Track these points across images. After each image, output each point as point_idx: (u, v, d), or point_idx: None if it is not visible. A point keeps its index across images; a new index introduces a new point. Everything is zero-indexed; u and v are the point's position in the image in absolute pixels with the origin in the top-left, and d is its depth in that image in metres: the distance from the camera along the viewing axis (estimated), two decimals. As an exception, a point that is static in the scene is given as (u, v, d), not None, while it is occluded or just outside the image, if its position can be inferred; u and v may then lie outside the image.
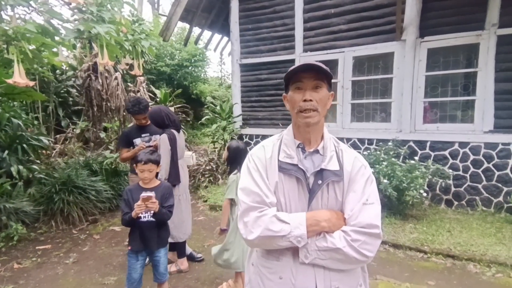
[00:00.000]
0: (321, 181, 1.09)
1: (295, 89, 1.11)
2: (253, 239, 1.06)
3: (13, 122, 3.91)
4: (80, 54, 5.95)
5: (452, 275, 2.91)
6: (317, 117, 1.09)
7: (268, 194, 1.09)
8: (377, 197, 1.12)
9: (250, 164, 1.17)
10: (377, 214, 1.08)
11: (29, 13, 3.07)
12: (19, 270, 3.13)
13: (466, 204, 4.43)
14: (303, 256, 1.06)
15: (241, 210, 1.12)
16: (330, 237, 1.04)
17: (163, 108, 3.02)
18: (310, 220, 1.04)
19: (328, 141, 1.16)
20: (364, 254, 1.03)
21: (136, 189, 2.25)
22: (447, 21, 4.37)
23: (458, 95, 4.57)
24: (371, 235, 1.04)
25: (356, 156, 1.17)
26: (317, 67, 1.06)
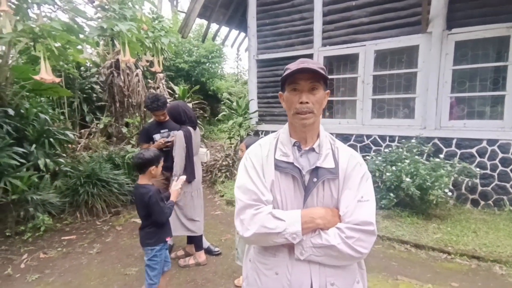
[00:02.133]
0: (316, 179, 1.10)
1: (292, 90, 1.11)
2: (249, 236, 1.08)
3: (40, 117, 4.07)
4: (103, 52, 6.12)
5: (476, 277, 2.80)
6: (313, 118, 1.10)
7: (264, 192, 1.11)
8: (372, 195, 1.12)
9: (247, 162, 1.19)
10: (372, 211, 1.08)
11: (55, 11, 3.16)
12: (45, 259, 3.27)
13: (493, 204, 4.23)
14: (299, 252, 1.07)
15: (238, 208, 1.14)
16: (325, 234, 1.06)
17: (181, 104, 3.05)
18: (305, 217, 1.06)
19: (324, 139, 1.17)
20: (359, 251, 1.04)
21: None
22: (476, 13, 4.15)
23: (486, 90, 4.35)
24: (366, 232, 1.05)
25: (351, 153, 1.17)
26: (313, 70, 1.06)
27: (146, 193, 2.18)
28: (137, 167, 2.25)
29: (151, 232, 2.27)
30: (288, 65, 1.12)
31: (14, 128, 3.75)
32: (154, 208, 2.19)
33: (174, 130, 3.24)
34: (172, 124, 3.23)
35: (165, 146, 3.21)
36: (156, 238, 2.29)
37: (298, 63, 1.08)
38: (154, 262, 2.28)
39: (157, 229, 2.28)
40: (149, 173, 2.25)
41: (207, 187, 5.75)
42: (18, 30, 2.88)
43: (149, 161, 2.22)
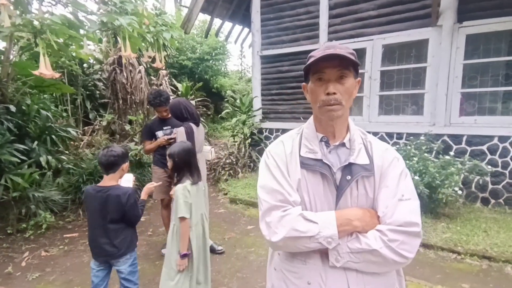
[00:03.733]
0: (350, 176, 0.99)
1: (317, 80, 0.99)
2: (277, 241, 0.97)
3: (42, 113, 4.04)
4: (106, 48, 6.08)
5: (488, 278, 2.71)
6: (341, 110, 0.99)
7: (291, 192, 1.00)
8: (414, 192, 1.00)
9: (268, 160, 1.08)
10: (415, 210, 0.97)
11: (54, 5, 3.11)
12: (46, 257, 3.24)
13: (504, 203, 4.10)
14: (334, 259, 0.95)
15: (263, 210, 1.03)
16: (364, 238, 0.94)
17: (182, 101, 2.99)
18: (340, 219, 0.95)
19: (355, 133, 1.06)
20: (403, 255, 0.92)
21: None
22: (487, 5, 4.00)
23: (498, 86, 4.21)
24: (410, 234, 0.93)
25: (387, 148, 1.06)
26: (342, 56, 0.93)
27: (124, 193, 1.97)
28: (108, 166, 2.00)
29: (128, 238, 2.07)
30: (312, 52, 1.00)
31: (15, 124, 3.73)
32: (132, 209, 1.99)
33: (176, 127, 3.19)
34: (174, 121, 3.17)
35: (168, 143, 3.15)
36: (134, 242, 2.14)
37: (324, 49, 0.96)
38: (135, 266, 2.15)
39: (132, 232, 2.12)
40: (121, 172, 2.03)
41: (211, 185, 5.69)
42: (17, 24, 2.83)
43: (122, 158, 2.00)
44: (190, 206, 2.09)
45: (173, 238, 2.15)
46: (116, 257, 2.05)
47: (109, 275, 2.15)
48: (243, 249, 3.33)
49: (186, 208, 2.06)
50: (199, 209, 2.23)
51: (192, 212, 2.12)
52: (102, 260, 2.08)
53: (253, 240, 3.53)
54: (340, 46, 0.97)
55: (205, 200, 3.12)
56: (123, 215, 1.99)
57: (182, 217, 2.05)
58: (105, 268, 2.11)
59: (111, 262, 2.08)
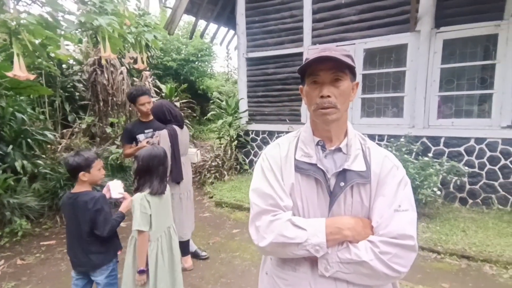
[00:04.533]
0: (344, 183, 0.96)
1: (312, 83, 0.97)
2: (265, 246, 0.96)
3: (17, 116, 3.88)
4: (86, 49, 5.91)
5: (467, 277, 2.78)
6: (336, 114, 0.96)
7: (282, 197, 0.98)
8: (412, 203, 0.97)
9: (263, 163, 1.06)
10: (411, 223, 0.93)
11: (30, 4, 2.99)
12: (22, 266, 3.11)
13: (482, 203, 4.25)
14: (323, 268, 0.93)
15: (253, 214, 1.01)
16: (355, 248, 0.91)
17: (165, 103, 2.93)
18: (330, 227, 0.92)
19: (353, 138, 1.03)
20: (396, 269, 0.89)
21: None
22: (464, 11, 4.16)
23: (474, 89, 4.37)
24: (404, 247, 0.90)
25: (386, 155, 1.03)
26: (336, 59, 0.91)
27: (92, 198, 1.88)
28: (69, 173, 1.96)
29: (103, 248, 1.96)
30: (309, 55, 0.98)
31: (-12, 128, 3.57)
32: (99, 216, 1.88)
33: (159, 130, 3.12)
34: (157, 123, 3.08)
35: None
36: (111, 252, 2.02)
37: (319, 51, 0.94)
38: (112, 277, 2.02)
39: (109, 242, 1.99)
40: (81, 180, 1.92)
41: (196, 188, 5.62)
42: (-11, 23, 2.70)
43: (75, 167, 1.89)
44: (149, 218, 1.94)
45: (129, 251, 2.00)
46: (91, 268, 1.97)
47: (89, 284, 2.06)
48: (228, 254, 3.30)
49: (143, 220, 1.91)
50: (164, 223, 2.07)
51: (153, 226, 1.96)
52: (79, 270, 2.00)
53: (238, 244, 3.51)
54: (336, 49, 0.96)
55: (190, 205, 3.07)
56: (93, 222, 1.89)
57: (139, 230, 1.91)
58: (84, 277, 2.02)
59: (88, 272, 2.00)
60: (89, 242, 1.92)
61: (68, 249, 2.02)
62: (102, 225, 1.90)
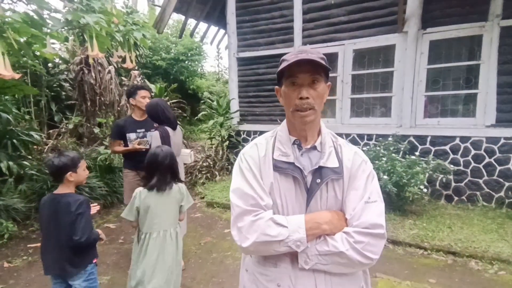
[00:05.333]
0: (320, 179, 1.01)
1: (290, 84, 1.01)
2: (248, 246, 0.98)
3: (2, 116, 3.78)
4: (72, 47, 5.80)
5: (453, 273, 2.85)
6: (314, 115, 1.02)
7: (263, 196, 1.02)
8: (380, 194, 1.05)
9: (242, 164, 1.09)
10: (380, 213, 1.01)
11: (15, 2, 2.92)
12: (9, 269, 3.04)
13: (467, 200, 4.37)
14: (303, 261, 0.98)
15: (234, 215, 1.04)
16: (332, 240, 0.97)
17: (161, 103, 2.90)
18: (310, 223, 0.97)
19: (326, 137, 1.09)
20: (368, 257, 0.96)
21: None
22: (450, 12, 4.26)
23: (460, 89, 4.48)
24: (375, 236, 0.97)
25: (356, 151, 1.10)
26: (314, 62, 0.96)
27: (76, 201, 1.82)
28: (51, 175, 1.92)
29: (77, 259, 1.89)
30: (285, 56, 1.01)
31: (-29, 128, 3.47)
32: (80, 220, 1.80)
33: (150, 131, 3.07)
34: (149, 124, 3.06)
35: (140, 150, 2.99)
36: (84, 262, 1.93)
37: (296, 53, 0.98)
38: (91, 281, 1.95)
39: (83, 252, 1.91)
40: (68, 181, 1.88)
41: (187, 188, 5.58)
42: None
43: (61, 168, 1.84)
44: (135, 210, 2.07)
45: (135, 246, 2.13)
46: (65, 275, 1.90)
47: None
48: (220, 254, 3.30)
49: (130, 211, 2.08)
50: (160, 223, 2.11)
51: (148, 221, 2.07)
52: (54, 274, 1.93)
53: (229, 244, 3.51)
54: (312, 51, 0.99)
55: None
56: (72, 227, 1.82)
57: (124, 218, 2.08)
58: (63, 281, 1.95)
59: (64, 276, 1.92)
60: (65, 248, 1.84)
61: (42, 253, 1.93)
62: (82, 230, 1.81)
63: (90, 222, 1.89)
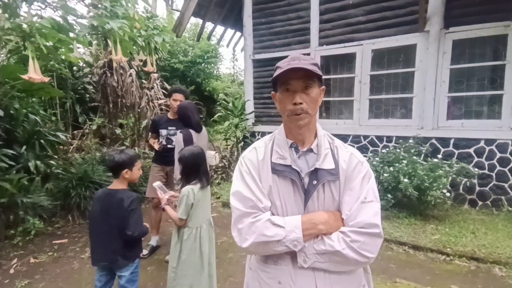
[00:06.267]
0: (316, 181, 1.05)
1: (284, 90, 1.06)
2: (247, 246, 1.03)
3: (30, 118, 3.97)
4: (96, 51, 6.01)
5: (476, 279, 2.76)
6: (307, 118, 1.05)
7: (261, 199, 1.06)
8: (376, 194, 1.07)
9: (242, 167, 1.13)
10: (376, 213, 1.03)
11: (44, 8, 3.07)
12: (35, 264, 3.18)
13: (491, 204, 4.21)
14: (302, 260, 1.02)
15: (234, 217, 1.09)
16: (328, 240, 1.01)
17: (191, 107, 3.01)
18: (306, 223, 1.01)
19: (322, 139, 1.12)
20: (365, 255, 0.99)
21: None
22: (473, 11, 4.13)
23: (484, 90, 4.33)
24: (371, 235, 1.00)
25: (352, 152, 1.12)
26: (305, 69, 1.00)
27: (128, 197, 1.94)
28: (111, 170, 2.06)
29: (128, 251, 2.01)
30: (279, 63, 1.06)
31: (3, 129, 3.66)
32: (132, 216, 1.92)
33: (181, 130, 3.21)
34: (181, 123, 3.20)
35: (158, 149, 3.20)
36: (136, 251, 2.07)
37: (289, 61, 1.03)
38: (135, 274, 2.08)
39: (133, 246, 2.04)
40: (123, 177, 2.01)
41: (203, 188, 5.66)
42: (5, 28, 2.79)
43: (120, 164, 1.98)
44: (190, 208, 2.16)
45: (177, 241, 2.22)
46: (116, 266, 2.02)
47: (112, 280, 2.12)
48: (236, 254, 3.33)
49: (186, 210, 2.14)
50: (204, 215, 2.28)
51: (194, 215, 2.18)
52: (102, 266, 2.05)
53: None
54: (304, 58, 1.04)
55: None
56: (124, 221, 1.94)
57: (181, 218, 2.14)
58: (108, 273, 2.08)
59: (113, 267, 2.05)
60: (118, 241, 1.96)
61: (92, 245, 2.06)
62: (134, 225, 1.94)
63: (141, 218, 2.01)
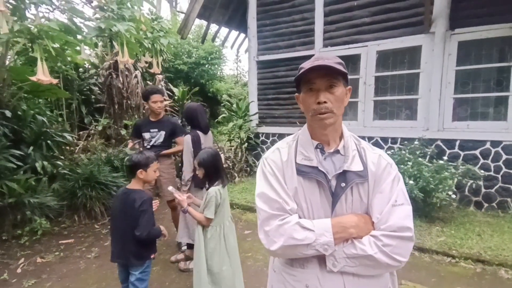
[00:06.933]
0: (345, 183, 1.02)
1: (308, 90, 1.03)
2: (276, 249, 1.01)
3: (37, 119, 4.01)
4: (101, 53, 6.07)
5: (482, 281, 2.75)
6: (332, 118, 1.02)
7: (287, 201, 1.04)
8: (406, 197, 1.04)
9: (265, 168, 1.10)
10: (408, 215, 1.01)
11: (52, 11, 3.11)
12: (42, 264, 3.21)
13: (497, 206, 4.17)
14: (331, 264, 1.00)
15: (261, 219, 1.06)
16: (360, 244, 0.98)
17: (199, 109, 3.01)
18: (336, 227, 0.98)
19: (349, 140, 1.09)
20: (397, 259, 0.97)
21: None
22: (479, 12, 4.11)
23: (490, 91, 4.30)
24: (403, 239, 0.98)
25: (380, 154, 1.09)
26: (329, 67, 0.97)
27: (140, 198, 2.01)
28: (127, 170, 2.18)
29: (140, 252, 2.07)
30: (303, 64, 1.04)
31: (11, 130, 3.70)
32: (143, 216, 1.98)
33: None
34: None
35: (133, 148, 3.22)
36: (147, 255, 2.12)
37: (313, 60, 1.01)
38: (145, 274, 2.13)
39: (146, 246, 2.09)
40: (138, 178, 2.10)
41: (207, 189, 5.68)
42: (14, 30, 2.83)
43: (135, 164, 2.08)
44: (217, 207, 2.22)
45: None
46: (128, 264, 2.09)
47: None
48: (240, 254, 3.28)
49: (215, 210, 2.21)
50: (227, 212, 2.34)
51: (220, 213, 2.25)
52: (118, 263, 2.14)
53: (250, 245, 3.54)
54: (329, 57, 1.02)
55: None
56: (135, 221, 2.00)
57: (209, 218, 2.20)
58: (125, 269, 2.15)
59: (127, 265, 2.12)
60: (130, 240, 2.02)
61: (111, 242, 2.16)
62: (143, 226, 1.98)
63: (151, 219, 2.05)
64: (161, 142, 3.27)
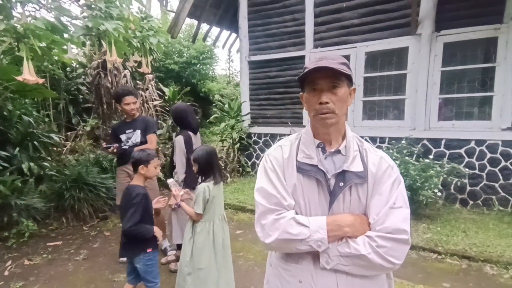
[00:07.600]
0: (343, 183, 1.03)
1: (311, 90, 1.04)
2: (270, 242, 1.03)
3: (24, 119, 3.94)
4: (89, 52, 5.98)
5: (468, 277, 2.82)
6: (334, 118, 1.03)
7: (285, 197, 1.06)
8: (406, 200, 1.04)
9: (267, 164, 1.13)
10: (405, 219, 1.01)
11: (38, 10, 3.06)
12: (29, 266, 3.16)
13: (482, 204, 4.29)
14: (324, 261, 1.02)
15: (258, 213, 1.09)
16: (353, 243, 0.99)
17: (188, 109, 3.00)
18: (331, 225, 1.00)
19: (351, 140, 1.10)
20: (391, 261, 0.97)
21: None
22: (464, 14, 4.21)
23: (475, 91, 4.41)
24: (399, 241, 0.98)
25: (382, 156, 1.09)
26: (332, 68, 0.98)
27: (135, 192, 2.10)
28: (131, 165, 2.26)
29: (130, 244, 2.15)
30: (307, 64, 1.06)
31: (-4, 131, 3.62)
32: (130, 209, 2.04)
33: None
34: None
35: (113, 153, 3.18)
36: (137, 244, 2.16)
37: (316, 61, 1.01)
38: (149, 266, 2.19)
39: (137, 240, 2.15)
40: (139, 173, 2.20)
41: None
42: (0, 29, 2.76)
43: (137, 161, 2.19)
44: (205, 203, 2.26)
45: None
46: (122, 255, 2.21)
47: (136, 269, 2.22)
48: (232, 254, 3.32)
49: (202, 205, 2.25)
50: (218, 210, 2.37)
51: (210, 210, 2.29)
52: (123, 254, 2.25)
53: (241, 244, 3.55)
54: (333, 57, 1.03)
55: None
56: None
57: (198, 213, 2.25)
58: (131, 262, 2.22)
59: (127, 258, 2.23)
60: (124, 232, 2.11)
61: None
62: (128, 218, 2.04)
63: (138, 214, 2.06)
64: (138, 142, 3.16)
